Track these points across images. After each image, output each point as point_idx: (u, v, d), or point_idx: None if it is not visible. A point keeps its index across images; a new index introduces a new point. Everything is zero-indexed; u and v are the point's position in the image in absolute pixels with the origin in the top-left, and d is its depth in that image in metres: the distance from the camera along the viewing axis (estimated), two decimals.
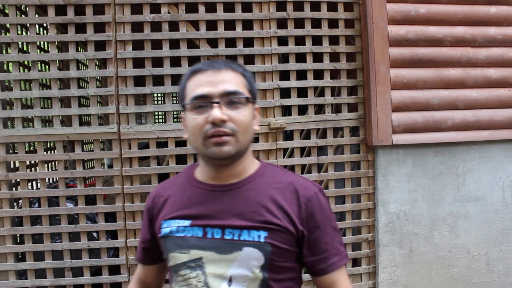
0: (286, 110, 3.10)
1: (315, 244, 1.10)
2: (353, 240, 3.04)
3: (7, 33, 2.85)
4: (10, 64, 2.86)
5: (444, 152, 3.06)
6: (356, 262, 3.11)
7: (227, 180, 1.12)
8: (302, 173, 3.08)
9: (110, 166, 2.95)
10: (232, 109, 1.04)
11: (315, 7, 2.99)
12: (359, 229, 3.07)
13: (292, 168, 3.08)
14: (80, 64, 3.01)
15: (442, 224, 3.07)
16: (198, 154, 1.13)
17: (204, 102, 1.04)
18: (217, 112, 1.01)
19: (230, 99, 1.04)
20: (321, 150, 3.16)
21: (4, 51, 2.84)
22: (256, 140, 2.95)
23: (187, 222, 1.09)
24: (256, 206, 1.07)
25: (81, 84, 2.99)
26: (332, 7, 3.01)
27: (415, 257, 3.05)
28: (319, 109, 3.17)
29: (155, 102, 10.87)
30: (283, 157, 3.01)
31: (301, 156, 3.12)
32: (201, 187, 1.13)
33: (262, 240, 1.04)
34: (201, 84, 1.06)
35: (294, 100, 2.98)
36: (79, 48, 2.88)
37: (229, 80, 1.06)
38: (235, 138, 1.04)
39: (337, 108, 3.10)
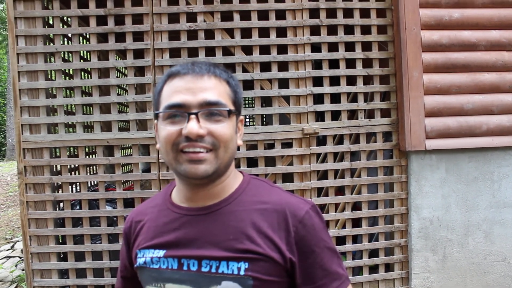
0: (319, 116, 3.13)
1: (310, 270, 0.95)
2: (385, 245, 3.04)
3: (52, 43, 3.00)
4: (53, 72, 3.00)
5: (479, 158, 3.04)
6: (389, 268, 3.10)
7: (204, 202, 0.98)
8: (335, 178, 3.10)
9: (145, 171, 3.04)
10: (212, 122, 0.90)
11: (348, 13, 3.03)
12: (392, 234, 3.07)
13: (325, 173, 3.11)
14: (117, 72, 3.15)
15: (477, 230, 3.04)
16: (171, 169, 0.99)
17: (179, 112, 0.90)
18: (193, 125, 0.87)
19: (210, 110, 0.90)
20: (354, 156, 3.18)
21: (48, 60, 2.97)
22: (289, 145, 3.00)
23: (161, 252, 0.97)
24: (236, 233, 0.93)
25: (118, 92, 3.08)
26: (365, 14, 3.04)
27: (448, 263, 3.02)
28: (352, 114, 3.19)
29: None
30: (316, 162, 3.04)
31: (334, 161, 3.14)
32: (176, 211, 1.00)
33: (242, 273, 0.90)
34: (178, 90, 0.91)
35: (327, 106, 3.01)
36: (116, 57, 2.98)
37: (211, 88, 0.92)
38: (215, 154, 0.91)
39: (369, 114, 3.11)
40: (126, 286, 1.15)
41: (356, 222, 3.10)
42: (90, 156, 3.95)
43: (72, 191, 3.20)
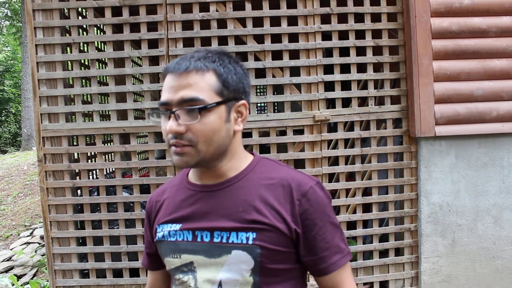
0: (330, 103, 3.18)
1: (313, 242, 1.01)
2: (395, 230, 3.10)
3: (68, 35, 3.07)
4: (70, 63, 3.08)
5: (488, 144, 3.06)
6: (398, 252, 3.16)
7: (216, 179, 1.06)
8: (346, 164, 3.16)
9: (159, 158, 3.12)
10: (192, 118, 0.95)
11: (358, 2, 3.05)
12: (402, 219, 3.12)
13: (336, 159, 3.17)
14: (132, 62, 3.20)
15: (486, 216, 3.08)
16: None
17: (163, 110, 0.98)
18: (171, 124, 0.95)
19: (184, 109, 0.95)
20: (365, 142, 3.22)
21: (66, 51, 3.05)
22: (301, 132, 3.06)
23: (177, 226, 1.05)
24: (244, 205, 1.00)
25: (133, 81, 3.15)
26: (375, 2, 3.06)
27: (458, 248, 3.07)
28: (363, 101, 3.23)
29: None
30: (327, 149, 3.09)
31: (345, 147, 3.19)
32: (191, 188, 1.09)
33: (250, 242, 0.97)
34: (165, 89, 0.99)
35: (338, 93, 3.05)
36: (130, 47, 3.05)
37: (189, 85, 0.95)
38: (195, 149, 0.97)
39: (380, 101, 3.15)
40: (151, 261, 1.25)
41: (367, 207, 3.16)
42: (107, 144, 4.04)
43: (90, 178, 3.29)
